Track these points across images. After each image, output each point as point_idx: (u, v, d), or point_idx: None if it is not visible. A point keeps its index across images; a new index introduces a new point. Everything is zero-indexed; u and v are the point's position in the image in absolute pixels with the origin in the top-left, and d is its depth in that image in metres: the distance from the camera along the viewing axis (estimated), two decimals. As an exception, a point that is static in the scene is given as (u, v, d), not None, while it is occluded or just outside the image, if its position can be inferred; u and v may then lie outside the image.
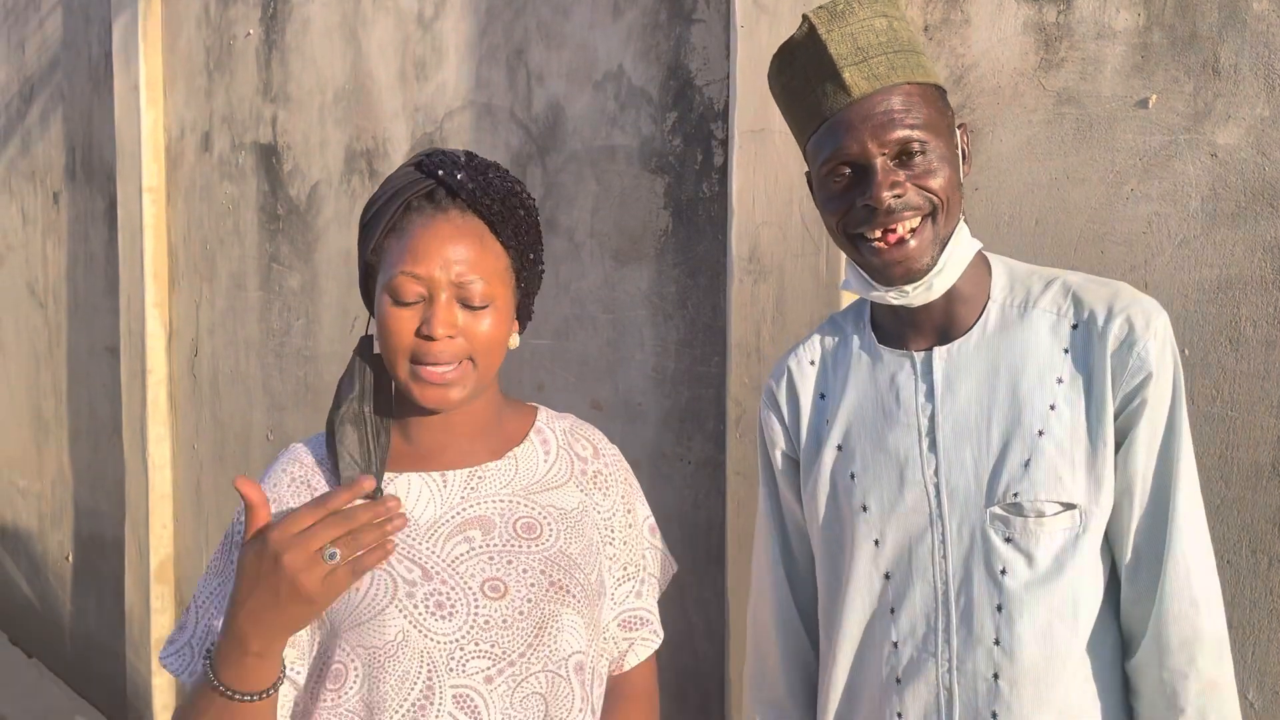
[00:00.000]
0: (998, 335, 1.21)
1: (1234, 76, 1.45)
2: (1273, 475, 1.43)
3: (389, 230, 1.18)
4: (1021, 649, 1.16)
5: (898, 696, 1.24)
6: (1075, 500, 1.15)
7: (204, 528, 3.78)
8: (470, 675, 1.14)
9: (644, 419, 2.25)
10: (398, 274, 1.13)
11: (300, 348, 3.29)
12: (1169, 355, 1.16)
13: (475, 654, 1.15)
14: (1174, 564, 1.14)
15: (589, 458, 1.34)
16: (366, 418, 1.20)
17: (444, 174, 1.17)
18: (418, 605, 1.14)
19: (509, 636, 1.16)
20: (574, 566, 1.22)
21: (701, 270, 2.13)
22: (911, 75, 1.16)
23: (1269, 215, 1.43)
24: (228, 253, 3.59)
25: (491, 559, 1.18)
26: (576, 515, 1.27)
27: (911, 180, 1.14)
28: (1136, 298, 1.18)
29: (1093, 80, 1.57)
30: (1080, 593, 1.16)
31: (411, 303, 1.14)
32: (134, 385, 3.95)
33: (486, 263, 1.16)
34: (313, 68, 3.18)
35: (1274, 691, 1.44)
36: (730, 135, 1.96)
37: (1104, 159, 1.57)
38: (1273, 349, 1.43)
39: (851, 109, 1.14)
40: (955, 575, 1.19)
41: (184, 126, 3.77)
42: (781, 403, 1.37)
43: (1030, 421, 1.17)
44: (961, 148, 1.21)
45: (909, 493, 1.22)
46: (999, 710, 1.18)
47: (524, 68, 2.48)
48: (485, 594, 1.16)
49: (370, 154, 2.97)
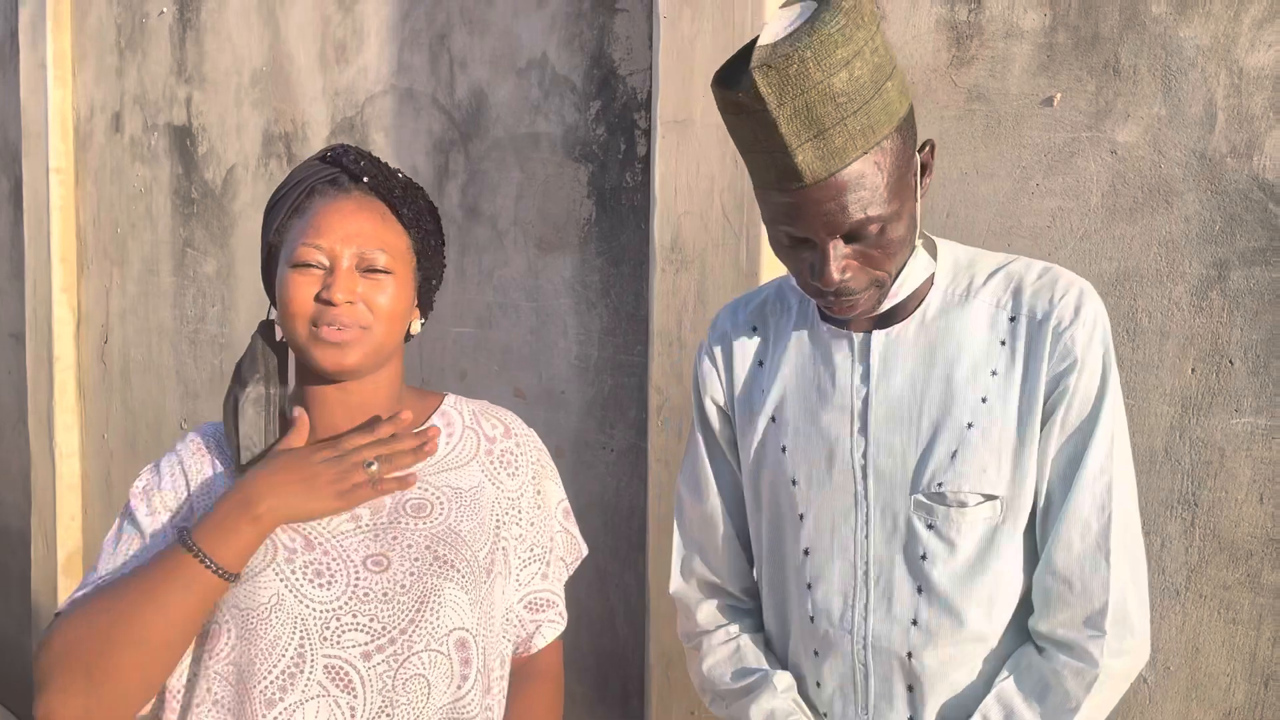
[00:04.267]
0: (937, 323, 1.22)
1: (1133, 77, 1.51)
2: (1165, 460, 1.50)
3: (292, 212, 1.21)
4: (939, 630, 1.19)
5: (815, 667, 1.27)
6: (997, 492, 1.18)
7: (113, 518, 3.68)
8: (345, 648, 1.14)
9: (567, 407, 2.26)
10: (300, 245, 1.17)
11: (215, 335, 3.23)
12: (1098, 343, 1.16)
13: (352, 626, 1.14)
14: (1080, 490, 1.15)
15: (498, 437, 1.35)
16: (269, 399, 1.22)
17: (347, 161, 1.22)
18: (296, 571, 1.15)
19: (389, 610, 1.16)
20: (460, 543, 1.23)
21: (624, 259, 2.14)
22: (870, 139, 1.06)
23: (1164, 211, 1.49)
24: (140, 237, 3.50)
25: (376, 536, 1.20)
26: (472, 494, 1.28)
27: (863, 260, 1.12)
28: (1071, 285, 1.18)
29: (1001, 78, 1.62)
30: (1000, 579, 1.19)
31: (313, 267, 1.17)
32: (40, 373, 3.82)
33: (387, 238, 1.21)
34: (229, 48, 3.10)
35: (1166, 667, 1.51)
36: (653, 125, 1.98)
37: (1011, 155, 1.62)
38: (1166, 339, 1.50)
39: (804, 192, 1.07)
40: (877, 556, 1.22)
41: (94, 106, 3.66)
42: (718, 360, 1.37)
43: (960, 414, 1.19)
44: (922, 164, 1.17)
45: (837, 472, 1.24)
46: (913, 685, 1.22)
47: (447, 53, 2.46)
48: (366, 567, 1.17)
49: (289, 137, 2.92)
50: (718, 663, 1.35)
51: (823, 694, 1.27)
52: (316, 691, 1.13)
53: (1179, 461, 1.49)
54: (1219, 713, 1.48)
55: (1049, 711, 1.16)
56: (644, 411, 2.10)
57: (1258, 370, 1.43)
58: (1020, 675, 1.19)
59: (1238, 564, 1.45)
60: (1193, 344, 1.48)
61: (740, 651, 1.34)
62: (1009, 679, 1.19)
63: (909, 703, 1.22)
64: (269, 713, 1.12)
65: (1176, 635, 1.50)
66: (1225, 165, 1.44)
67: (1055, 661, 1.17)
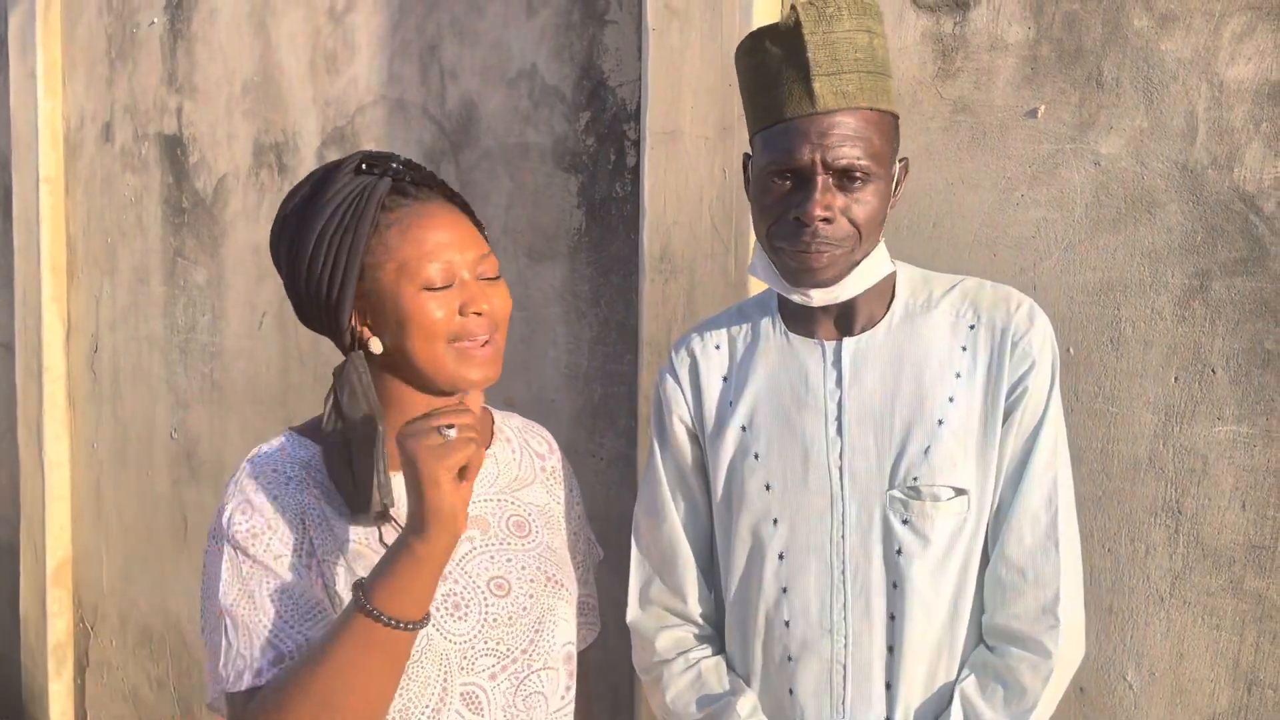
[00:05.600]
0: (902, 330, 1.29)
1: (1116, 89, 1.53)
2: (1149, 468, 1.52)
3: (375, 229, 1.14)
4: (915, 623, 1.23)
5: (789, 673, 1.28)
6: (966, 486, 1.24)
7: (104, 529, 3.67)
8: (478, 673, 1.17)
9: (557, 416, 2.26)
10: (426, 263, 1.13)
11: (206, 344, 3.22)
12: (1049, 348, 1.26)
13: (484, 651, 1.18)
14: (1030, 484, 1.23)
15: (545, 454, 1.38)
16: (378, 436, 1.13)
17: (397, 167, 1.18)
18: (438, 607, 1.15)
19: (512, 634, 1.19)
20: (562, 561, 1.28)
21: (614, 269, 2.15)
22: (875, 100, 1.19)
23: (1147, 221, 1.51)
24: (130, 246, 3.49)
25: (493, 558, 1.21)
26: (550, 511, 1.32)
27: (843, 209, 1.19)
28: (1023, 300, 1.29)
29: (986, 90, 1.64)
30: (967, 570, 1.25)
31: (445, 286, 1.14)
32: (29, 383, 3.81)
33: (482, 241, 1.22)
34: (220, 58, 3.11)
35: (1151, 673, 1.52)
36: (642, 136, 1.99)
37: (996, 166, 1.63)
38: (1150, 348, 1.51)
39: (811, 120, 1.18)
40: (853, 555, 1.25)
41: (84, 116, 3.65)
42: (683, 379, 1.39)
43: (931, 411, 1.24)
44: (896, 180, 1.27)
45: (813, 475, 1.27)
46: (892, 681, 1.24)
47: (437, 64, 2.47)
48: (492, 591, 1.19)
49: (280, 147, 2.93)
50: (680, 693, 1.35)
51: (796, 701, 1.28)
52: (453, 718, 1.16)
53: (1163, 469, 1.50)
54: (1203, 718, 1.49)
55: (1010, 708, 1.21)
56: (633, 420, 2.11)
57: (1239, 379, 1.45)
58: (979, 673, 1.24)
59: (1221, 570, 1.47)
60: (1176, 353, 1.49)
61: (702, 677, 1.34)
62: (969, 678, 1.24)
63: (886, 701, 1.25)
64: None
65: (1161, 641, 1.52)
66: (1207, 176, 1.46)
67: (1010, 657, 1.22)
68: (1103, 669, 1.56)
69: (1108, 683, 1.55)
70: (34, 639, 3.87)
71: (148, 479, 3.47)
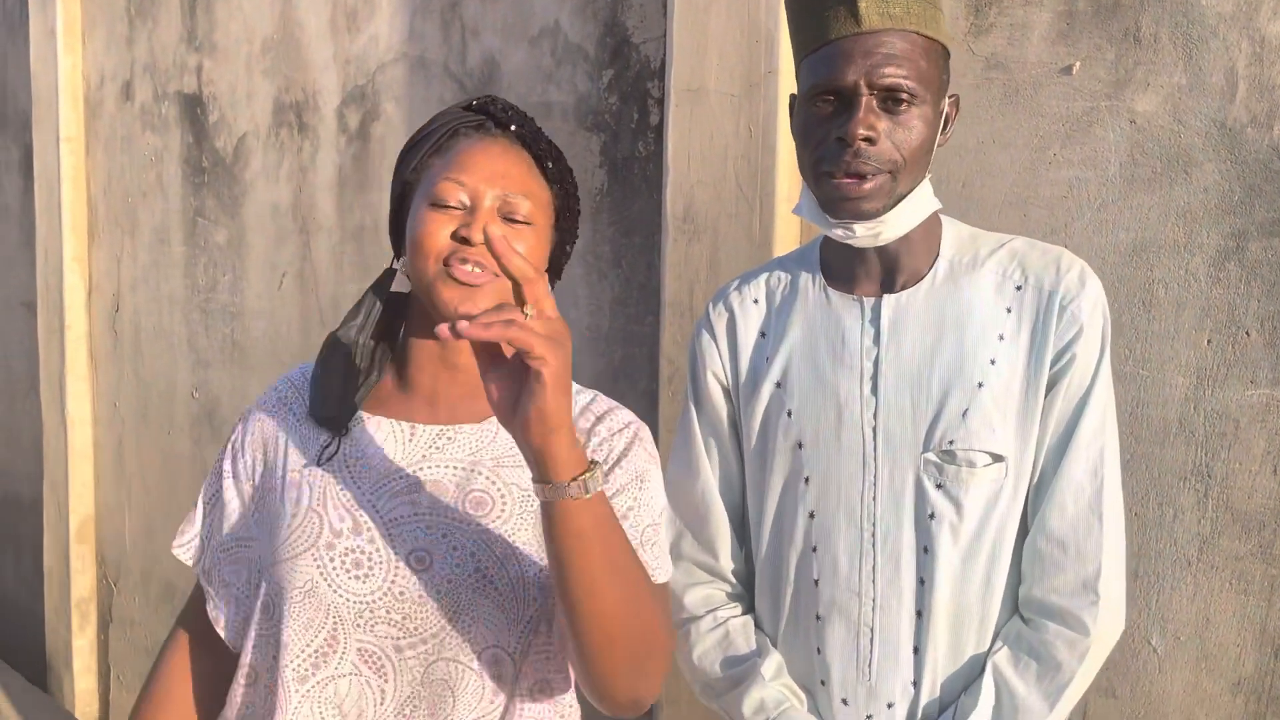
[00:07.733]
0: (945, 289, 1.25)
1: (1154, 45, 1.50)
2: (1179, 431, 1.50)
3: (434, 150, 1.16)
4: (944, 590, 1.21)
5: (817, 632, 1.27)
6: (1004, 452, 1.20)
7: (126, 486, 3.70)
8: (380, 638, 1.12)
9: (577, 377, 2.25)
10: (441, 179, 1.12)
11: (226, 304, 3.23)
12: (1099, 314, 1.21)
13: (385, 620, 1.11)
14: (1074, 454, 1.20)
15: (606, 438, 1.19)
16: (361, 348, 1.18)
17: (495, 109, 1.18)
18: (335, 558, 1.12)
19: (423, 613, 1.11)
20: (511, 556, 1.13)
21: (636, 229, 2.13)
22: (922, 26, 1.16)
23: (1183, 181, 1.48)
24: (150, 206, 3.49)
25: (429, 528, 1.13)
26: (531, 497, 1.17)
27: (887, 132, 1.16)
28: (1074, 262, 1.23)
29: (1019, 46, 1.61)
30: (1002, 539, 1.22)
31: (452, 207, 1.11)
32: (51, 341, 3.83)
33: (531, 186, 1.15)
34: (240, 16, 3.09)
35: (1176, 637, 1.51)
36: (666, 94, 1.97)
37: (1029, 124, 1.60)
38: (1183, 310, 1.49)
39: (856, 40, 1.15)
40: (884, 517, 1.23)
41: (104, 74, 3.64)
42: (720, 333, 1.37)
43: (971, 374, 1.21)
44: (946, 113, 1.23)
45: (846, 433, 1.25)
46: (920, 646, 1.23)
47: (458, 21, 2.44)
48: (408, 563, 1.11)
49: (300, 106, 2.91)
50: (706, 651, 1.34)
51: (824, 660, 1.27)
52: (349, 670, 1.12)
53: (1193, 433, 1.49)
54: (1228, 683, 1.48)
55: (1044, 684, 1.18)
56: (655, 382, 2.10)
57: (1274, 342, 1.42)
58: (1013, 646, 1.21)
59: (1250, 535, 1.45)
60: (1209, 315, 1.47)
61: (729, 637, 1.33)
62: (1002, 650, 1.21)
63: (914, 666, 1.23)
64: (300, 688, 1.12)
65: (1187, 606, 1.51)
66: (1245, 135, 1.43)
67: (1046, 632, 1.19)
68: (1128, 633, 1.55)
69: (1132, 647, 1.55)
70: (58, 595, 3.92)
71: (169, 438, 3.50)
